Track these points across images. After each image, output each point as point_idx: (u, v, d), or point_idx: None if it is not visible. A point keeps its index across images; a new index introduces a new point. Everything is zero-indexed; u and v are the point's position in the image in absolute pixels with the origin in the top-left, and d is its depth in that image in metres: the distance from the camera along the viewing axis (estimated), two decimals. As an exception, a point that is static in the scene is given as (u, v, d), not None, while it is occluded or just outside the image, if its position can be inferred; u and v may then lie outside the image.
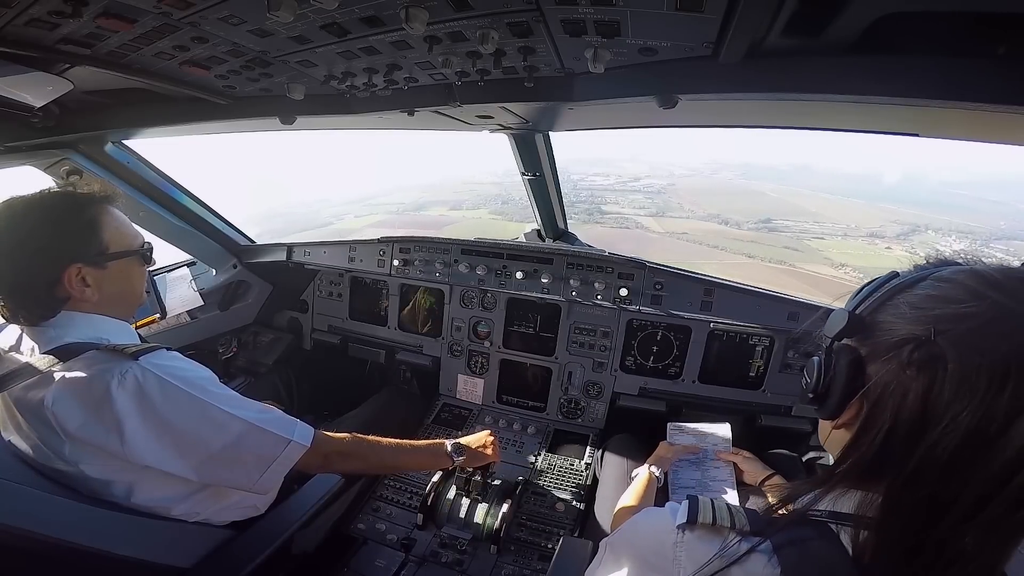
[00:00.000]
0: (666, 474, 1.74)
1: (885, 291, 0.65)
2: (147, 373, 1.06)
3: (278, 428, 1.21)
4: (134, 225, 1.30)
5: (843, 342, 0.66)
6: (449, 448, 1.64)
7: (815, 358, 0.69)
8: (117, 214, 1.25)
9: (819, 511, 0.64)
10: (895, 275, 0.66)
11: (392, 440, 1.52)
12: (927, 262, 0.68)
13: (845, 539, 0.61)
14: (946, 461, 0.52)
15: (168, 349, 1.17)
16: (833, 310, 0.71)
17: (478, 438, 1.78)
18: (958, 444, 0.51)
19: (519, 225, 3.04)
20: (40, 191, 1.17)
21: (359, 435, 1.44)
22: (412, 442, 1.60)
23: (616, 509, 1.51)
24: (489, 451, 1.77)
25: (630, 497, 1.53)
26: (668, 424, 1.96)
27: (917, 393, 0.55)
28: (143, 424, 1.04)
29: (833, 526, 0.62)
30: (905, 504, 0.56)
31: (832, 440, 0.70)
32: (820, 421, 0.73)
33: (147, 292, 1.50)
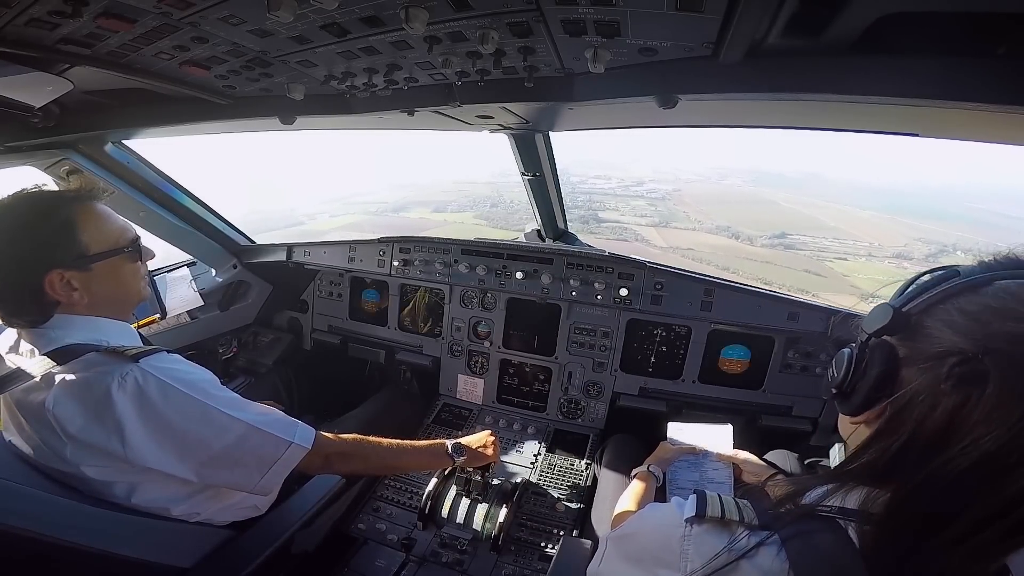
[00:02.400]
0: (665, 474, 1.74)
1: (939, 293, 0.60)
2: (147, 375, 1.06)
3: (279, 430, 1.20)
4: (122, 220, 1.25)
5: (881, 339, 0.62)
6: (450, 448, 1.64)
7: (846, 350, 0.66)
8: (99, 211, 1.20)
9: (828, 507, 0.63)
10: (955, 274, 0.61)
11: (393, 441, 1.51)
12: (994, 259, 0.62)
13: (853, 534, 0.60)
14: (952, 480, 0.51)
15: (168, 352, 1.16)
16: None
17: (479, 438, 1.78)
18: (968, 466, 0.50)
19: (504, 233, 3.00)
20: (11, 195, 1.13)
21: (360, 436, 1.44)
22: (413, 442, 1.60)
23: (615, 512, 1.51)
24: (489, 451, 1.77)
25: (629, 499, 1.53)
26: (669, 424, 1.97)
27: (947, 409, 0.53)
28: (144, 426, 1.04)
29: (842, 521, 0.62)
30: (905, 513, 0.55)
31: (855, 435, 0.69)
32: (840, 414, 0.72)
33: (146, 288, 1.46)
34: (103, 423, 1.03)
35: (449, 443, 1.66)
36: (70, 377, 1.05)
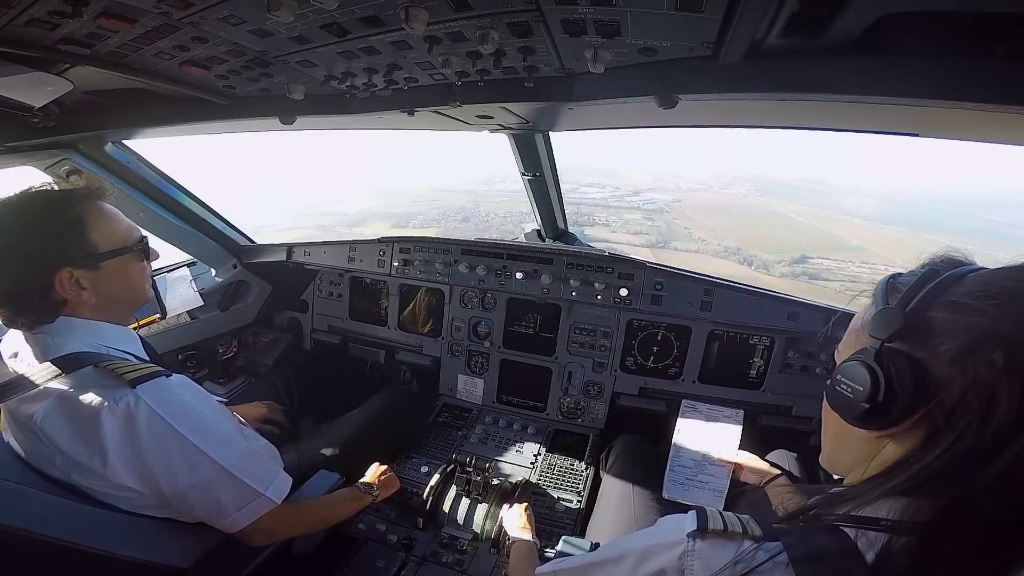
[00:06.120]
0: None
1: (932, 288, 0.60)
2: (140, 403, 1.05)
3: (254, 479, 1.21)
4: (128, 220, 1.25)
5: (893, 345, 0.61)
6: (361, 490, 1.72)
7: (853, 362, 0.63)
8: (107, 210, 1.20)
9: (835, 514, 0.62)
10: (935, 271, 0.63)
11: (324, 497, 1.61)
12: (931, 263, 0.66)
13: (862, 543, 0.58)
14: None
15: (168, 375, 1.14)
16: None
17: (372, 473, 1.84)
18: None
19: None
20: (20, 192, 1.13)
21: (297, 504, 1.44)
22: (333, 494, 1.65)
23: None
24: (386, 477, 1.84)
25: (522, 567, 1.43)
26: (683, 401, 1.97)
27: (1013, 395, 0.51)
28: (122, 452, 1.05)
29: (850, 532, 0.60)
30: (982, 512, 0.52)
31: (873, 449, 0.65)
32: (852, 430, 0.66)
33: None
34: (87, 443, 1.03)
35: (359, 486, 1.74)
36: (63, 393, 1.04)
